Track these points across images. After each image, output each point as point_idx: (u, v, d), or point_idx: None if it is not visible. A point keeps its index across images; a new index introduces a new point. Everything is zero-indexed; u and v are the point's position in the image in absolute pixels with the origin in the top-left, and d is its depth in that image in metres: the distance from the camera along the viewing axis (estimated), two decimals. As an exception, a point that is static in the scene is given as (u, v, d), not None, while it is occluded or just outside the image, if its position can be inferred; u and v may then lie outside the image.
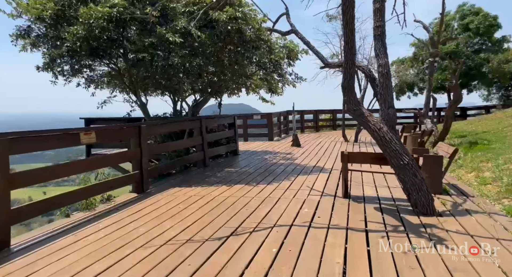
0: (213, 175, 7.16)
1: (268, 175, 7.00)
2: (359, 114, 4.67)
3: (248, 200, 5.02)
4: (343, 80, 4.74)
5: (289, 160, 8.97)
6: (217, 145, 9.43)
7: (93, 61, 7.39)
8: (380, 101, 4.59)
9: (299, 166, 8.00)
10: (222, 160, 9.15)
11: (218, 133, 9.24)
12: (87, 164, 4.86)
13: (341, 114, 20.82)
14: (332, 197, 5.13)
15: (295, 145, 11.95)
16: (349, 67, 4.63)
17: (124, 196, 5.40)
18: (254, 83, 9.48)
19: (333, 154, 9.99)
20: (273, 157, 9.49)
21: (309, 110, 19.32)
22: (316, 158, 9.14)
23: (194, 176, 7.12)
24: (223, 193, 5.55)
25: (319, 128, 19.38)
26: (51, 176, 4.42)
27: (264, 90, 9.88)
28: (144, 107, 8.36)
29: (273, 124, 14.49)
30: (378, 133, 4.46)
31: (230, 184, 6.23)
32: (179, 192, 5.70)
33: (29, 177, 3.90)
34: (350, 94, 4.73)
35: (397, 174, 4.40)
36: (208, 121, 8.61)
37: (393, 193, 5.24)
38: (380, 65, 4.56)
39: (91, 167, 4.91)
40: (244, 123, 14.19)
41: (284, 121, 16.77)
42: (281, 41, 7.94)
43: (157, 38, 6.45)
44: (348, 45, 4.53)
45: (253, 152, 10.68)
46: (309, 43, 5.58)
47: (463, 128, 11.12)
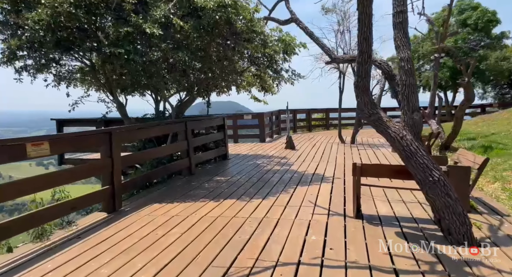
0: (199, 185, 6.26)
1: (262, 185, 6.15)
2: (377, 120, 3.85)
3: (241, 222, 4.15)
4: (356, 78, 3.91)
5: (284, 165, 8.13)
6: (205, 149, 8.53)
7: (62, 55, 6.38)
8: (402, 103, 3.78)
9: (297, 173, 7.17)
10: (210, 166, 8.25)
11: (205, 136, 8.34)
12: (43, 182, 3.90)
13: (335, 114, 20.24)
14: (341, 217, 4.31)
15: (289, 147, 11.13)
16: (364, 62, 3.80)
17: (91, 218, 4.46)
18: (245, 80, 8.59)
19: (332, 157, 9.20)
20: (267, 162, 8.64)
21: (302, 110, 18.55)
22: (314, 163, 8.33)
23: (178, 187, 6.21)
24: (211, 211, 4.67)
25: (312, 128, 18.63)
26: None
27: (256, 88, 9.00)
28: (121, 107, 7.39)
29: (265, 125, 13.65)
30: (401, 143, 3.65)
31: (219, 198, 5.35)
32: (159, 210, 4.79)
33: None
34: (365, 95, 3.91)
35: (424, 192, 3.60)
36: (194, 124, 7.70)
37: (411, 210, 4.45)
38: (402, 60, 3.74)
39: (48, 185, 3.94)
40: (234, 124, 13.30)
41: (276, 121, 15.95)
42: (276, 33, 7.08)
43: (133, 28, 5.50)
44: (364, 33, 3.71)
45: (245, 156, 9.81)
46: (313, 34, 4.74)
47: (467, 130, 10.50)
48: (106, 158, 4.59)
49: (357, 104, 3.95)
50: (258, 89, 8.90)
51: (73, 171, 4.34)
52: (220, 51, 7.04)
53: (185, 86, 7.35)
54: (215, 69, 7.37)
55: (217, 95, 9.26)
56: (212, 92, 8.92)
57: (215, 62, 7.16)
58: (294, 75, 7.44)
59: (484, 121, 11.79)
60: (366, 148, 11.12)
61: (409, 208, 4.52)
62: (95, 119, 9.45)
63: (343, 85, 12.45)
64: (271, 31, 7.09)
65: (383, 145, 11.77)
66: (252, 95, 9.39)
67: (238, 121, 13.41)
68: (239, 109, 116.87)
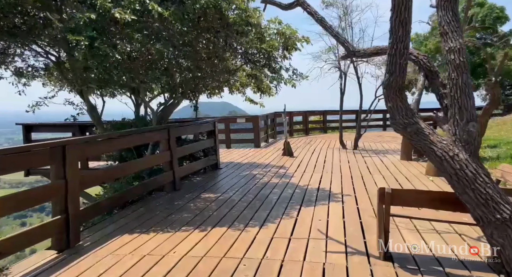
0: (184, 206, 5.21)
1: (259, 206, 5.13)
2: (415, 132, 2.87)
3: (233, 268, 3.12)
4: (387, 77, 2.92)
5: (283, 177, 7.12)
6: (193, 159, 7.48)
7: (7, 44, 5.29)
8: (451, 110, 2.80)
9: (299, 188, 6.16)
10: (198, 179, 7.19)
11: (192, 145, 7.27)
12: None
13: (333, 116, 19.35)
14: (363, 257, 3.30)
15: (287, 154, 10.12)
16: (400, 54, 2.81)
17: (33, 260, 3.38)
18: (239, 80, 7.57)
19: (335, 166, 8.22)
20: (263, 173, 7.62)
21: (298, 112, 17.57)
22: (317, 174, 7.33)
23: (158, 208, 5.15)
24: (194, 247, 3.63)
25: (309, 131, 17.67)
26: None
27: (251, 89, 7.99)
28: (93, 110, 6.30)
29: (259, 129, 12.63)
30: (451, 165, 2.66)
31: (206, 225, 4.31)
32: (128, 245, 3.73)
33: None
34: (399, 99, 2.92)
35: (488, 233, 2.62)
36: (180, 130, 6.64)
37: (452, 246, 3.46)
38: (451, 51, 2.76)
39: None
40: (227, 128, 12.25)
41: (272, 125, 14.95)
42: (274, 25, 6.06)
43: (100, 14, 4.44)
44: (401, 15, 2.72)
45: (238, 165, 8.77)
46: (324, 21, 3.74)
47: (481, 135, 9.61)
48: (58, 180, 3.52)
49: (389, 112, 2.96)
50: (254, 90, 7.88)
51: (11, 199, 3.27)
52: (210, 47, 6.01)
53: (168, 86, 6.29)
54: (204, 67, 6.34)
55: (208, 97, 8.24)
56: (202, 94, 7.89)
57: (204, 59, 6.13)
58: (296, 75, 6.41)
59: (498, 125, 10.94)
60: (371, 154, 10.16)
61: (448, 242, 3.53)
62: (73, 124, 8.37)
63: (344, 86, 11.50)
64: (269, 23, 6.08)
65: (387, 151, 10.85)
66: (247, 97, 8.37)
67: (231, 125, 12.36)
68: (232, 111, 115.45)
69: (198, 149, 7.41)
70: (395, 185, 6.25)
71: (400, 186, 6.16)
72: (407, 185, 6.20)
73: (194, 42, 5.78)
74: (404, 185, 6.21)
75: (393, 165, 8.29)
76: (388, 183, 6.38)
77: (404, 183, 6.38)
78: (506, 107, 17.34)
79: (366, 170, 7.74)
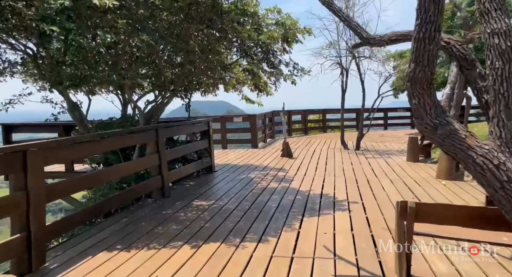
0: (172, 216, 4.66)
1: (257, 215, 4.59)
2: (448, 134, 2.33)
3: (226, 299, 2.58)
4: (411, 68, 2.38)
5: (282, 181, 6.58)
6: (185, 161, 6.93)
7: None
8: (494, 108, 2.26)
9: (300, 194, 5.63)
10: (191, 184, 6.63)
11: (184, 146, 6.71)
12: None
13: (333, 115, 18.83)
14: (381, 284, 2.77)
15: (287, 156, 9.59)
16: (429, 39, 2.27)
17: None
18: (235, 77, 7.02)
19: (338, 169, 7.69)
20: (261, 176, 7.08)
21: (298, 111, 17.04)
22: (319, 178, 6.80)
23: (144, 218, 4.60)
24: (180, 270, 3.09)
25: (308, 130, 17.14)
26: None
27: (248, 87, 7.44)
28: (74, 109, 5.73)
29: (257, 128, 12.08)
30: (495, 175, 2.13)
31: (197, 240, 3.77)
32: (103, 267, 3.18)
33: None
34: (427, 94, 2.38)
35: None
36: (170, 131, 6.08)
37: (487, 272, 2.93)
38: (494, 34, 2.22)
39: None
40: (223, 127, 11.69)
41: (270, 124, 14.41)
42: (273, 15, 5.52)
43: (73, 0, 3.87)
44: (433, -10, 2.18)
45: (234, 167, 8.23)
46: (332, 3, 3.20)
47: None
48: (17, 192, 2.97)
49: (414, 111, 2.42)
50: (251, 88, 7.34)
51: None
52: (204, 40, 5.47)
53: (156, 83, 5.72)
54: (198, 62, 5.78)
55: (202, 95, 7.69)
56: (195, 92, 7.34)
57: (197, 53, 5.57)
58: (297, 70, 5.84)
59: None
60: (374, 155, 9.64)
61: (481, 266, 3.00)
62: (57, 123, 7.79)
63: (346, 83, 10.97)
64: (267, 12, 5.52)
65: (391, 152, 10.34)
66: (244, 96, 7.82)
67: (227, 124, 11.81)
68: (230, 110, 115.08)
69: (190, 150, 6.85)
70: (405, 190, 5.73)
71: (411, 191, 5.64)
72: (418, 190, 5.68)
73: (185, 33, 5.24)
74: (414, 190, 5.69)
75: (400, 167, 7.77)
76: (397, 188, 5.86)
77: (414, 187, 5.86)
78: None
79: (371, 173, 7.22)
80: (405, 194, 5.48)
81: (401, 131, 17.39)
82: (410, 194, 5.45)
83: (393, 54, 15.43)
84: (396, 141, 13.54)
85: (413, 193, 5.50)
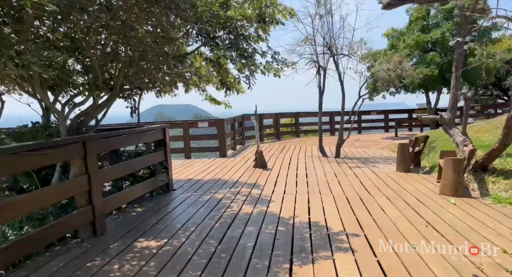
0: (100, 272, 3.16)
1: (226, 264, 3.21)
2: None
3: None
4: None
5: (258, 204, 5.25)
6: (133, 179, 5.40)
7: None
8: None
9: (282, 224, 4.31)
10: (139, 210, 5.11)
11: (128, 163, 5.14)
12: None
13: (306, 119, 17.81)
14: None
15: (260, 166, 8.29)
16: None
17: None
18: (195, 71, 5.61)
19: (322, 183, 6.48)
20: (231, 196, 5.71)
21: (269, 114, 15.83)
22: (302, 197, 5.54)
23: (56, 276, 3.06)
24: None
25: (280, 135, 15.98)
26: None
27: (213, 84, 6.06)
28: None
29: (225, 134, 10.68)
30: None
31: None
32: None
33: None
34: None
35: None
36: (107, 143, 4.52)
37: None
38: None
39: None
40: (186, 134, 10.18)
41: (240, 129, 13.06)
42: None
43: None
44: None
45: (198, 184, 6.78)
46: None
47: (479, 139, 8.36)
48: None
49: None
50: (217, 85, 5.96)
51: None
52: (152, 20, 4.04)
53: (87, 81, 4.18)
54: (144, 51, 4.31)
55: (158, 97, 6.19)
56: (147, 92, 5.85)
57: (139, 39, 4.11)
58: (277, 61, 4.51)
59: (499, 127, 9.83)
60: (358, 164, 8.58)
61: None
62: None
63: (324, 83, 9.88)
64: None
65: (375, 159, 9.36)
66: (208, 96, 6.42)
67: (190, 130, 10.31)
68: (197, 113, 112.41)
69: (138, 167, 5.32)
70: (410, 212, 4.60)
71: (418, 214, 4.51)
72: (426, 212, 4.57)
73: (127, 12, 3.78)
74: (422, 212, 4.58)
75: (392, 179, 6.71)
76: (400, 209, 4.73)
77: (420, 209, 4.75)
78: (484, 108, 16.82)
79: (361, 188, 6.08)
80: (413, 219, 4.34)
81: (376, 135, 16.72)
82: (419, 219, 4.33)
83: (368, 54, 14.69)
84: (374, 145, 12.71)
85: (422, 217, 4.38)
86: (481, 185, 5.61)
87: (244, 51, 4.08)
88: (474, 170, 5.92)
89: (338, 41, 9.53)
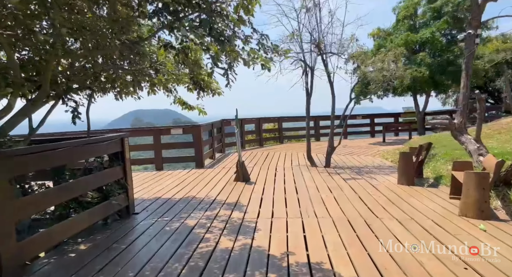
0: None
1: None
2: None
3: None
4: None
5: (240, 233, 4.14)
6: (78, 205, 4.16)
7: None
8: None
9: (273, 267, 3.21)
10: (81, 249, 3.87)
11: (63, 187, 3.89)
12: None
13: (289, 124, 16.87)
14: None
15: (242, 180, 7.19)
16: None
17: None
18: (162, 69, 4.47)
19: (317, 202, 5.45)
20: (207, 222, 4.57)
21: (251, 119, 14.78)
22: (295, 223, 4.47)
23: None
24: None
25: (263, 141, 14.94)
26: None
27: (184, 85, 4.92)
28: None
29: (202, 142, 9.51)
30: None
31: None
32: None
33: None
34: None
35: None
36: (35, 160, 3.30)
37: None
38: None
39: None
40: (157, 142, 8.94)
41: (219, 135, 11.91)
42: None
43: None
44: None
45: (166, 205, 5.59)
46: None
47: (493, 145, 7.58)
48: None
49: None
50: (188, 85, 4.83)
51: None
52: None
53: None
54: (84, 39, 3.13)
55: (117, 99, 5.01)
56: (99, 94, 4.66)
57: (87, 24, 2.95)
58: (265, 48, 3.37)
59: (502, 132, 9.14)
60: (352, 175, 7.62)
61: None
62: None
63: (311, 84, 8.92)
64: None
65: (369, 168, 8.45)
66: (178, 98, 5.27)
67: (162, 138, 9.07)
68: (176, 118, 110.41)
69: (83, 189, 4.09)
70: (432, 241, 3.62)
71: (445, 246, 3.53)
72: (455, 244, 3.60)
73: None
74: (448, 243, 3.60)
75: (395, 194, 5.76)
76: (418, 238, 3.74)
77: (445, 237, 3.78)
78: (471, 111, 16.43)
79: (363, 207, 5.09)
80: (443, 255, 3.35)
81: (364, 140, 15.97)
82: (450, 255, 3.34)
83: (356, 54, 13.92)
84: (363, 152, 11.86)
85: (453, 252, 3.40)
86: (505, 203, 4.73)
87: (220, 35, 2.99)
88: (495, 184, 5.04)
89: (327, 38, 8.61)
